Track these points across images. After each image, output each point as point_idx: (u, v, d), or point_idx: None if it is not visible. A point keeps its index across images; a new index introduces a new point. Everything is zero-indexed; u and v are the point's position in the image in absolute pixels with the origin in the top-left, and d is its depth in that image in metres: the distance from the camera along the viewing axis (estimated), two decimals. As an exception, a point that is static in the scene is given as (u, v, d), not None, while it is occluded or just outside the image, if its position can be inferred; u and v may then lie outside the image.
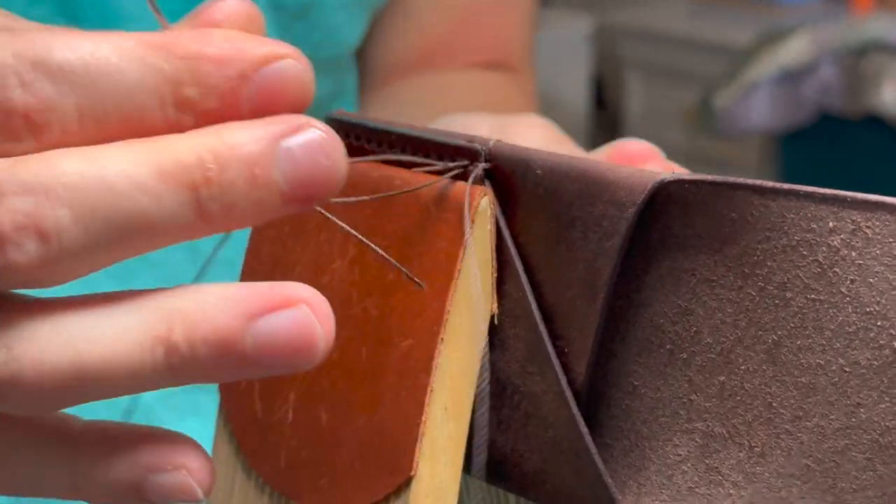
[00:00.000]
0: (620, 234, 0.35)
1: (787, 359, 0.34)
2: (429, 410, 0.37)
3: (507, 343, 0.39)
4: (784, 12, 2.62)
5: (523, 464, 0.40)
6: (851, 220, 0.33)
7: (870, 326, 0.33)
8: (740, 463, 0.36)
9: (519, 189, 0.38)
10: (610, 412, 0.39)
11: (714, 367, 0.36)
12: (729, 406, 0.36)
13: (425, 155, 0.39)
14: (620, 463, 0.39)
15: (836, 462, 0.34)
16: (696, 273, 0.36)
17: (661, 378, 0.37)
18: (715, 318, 0.36)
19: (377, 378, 0.38)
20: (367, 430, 0.38)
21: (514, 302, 0.38)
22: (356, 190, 0.40)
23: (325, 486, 0.39)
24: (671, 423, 0.37)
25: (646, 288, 0.37)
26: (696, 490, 0.37)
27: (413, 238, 0.38)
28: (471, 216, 0.37)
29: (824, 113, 2.31)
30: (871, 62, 2.21)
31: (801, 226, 0.34)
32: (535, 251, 0.38)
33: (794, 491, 0.35)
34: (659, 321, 0.37)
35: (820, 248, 0.33)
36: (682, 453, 0.37)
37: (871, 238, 0.33)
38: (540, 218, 0.37)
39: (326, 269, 0.40)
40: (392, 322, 0.38)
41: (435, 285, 0.37)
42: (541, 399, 0.38)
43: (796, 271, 0.34)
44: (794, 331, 0.34)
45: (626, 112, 2.86)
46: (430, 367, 0.37)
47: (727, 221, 0.35)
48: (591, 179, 0.36)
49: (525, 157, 0.37)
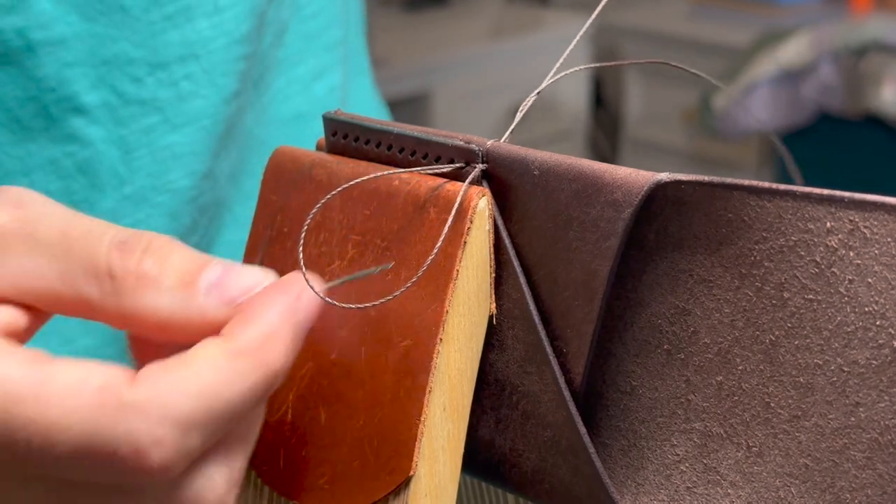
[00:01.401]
0: (617, 234, 0.35)
1: (785, 359, 0.35)
2: (427, 410, 0.37)
3: (506, 343, 0.39)
4: (784, 12, 2.62)
5: (521, 463, 0.40)
6: (849, 220, 0.33)
7: (868, 326, 0.33)
8: (738, 463, 0.36)
9: (516, 189, 0.38)
10: (608, 412, 0.39)
11: (712, 367, 0.36)
12: (727, 406, 0.36)
13: (423, 156, 0.39)
14: (618, 462, 0.39)
15: (835, 461, 0.34)
16: (693, 273, 0.36)
17: (658, 378, 0.37)
18: (712, 319, 0.36)
19: (376, 378, 0.38)
20: (366, 429, 0.38)
21: (512, 302, 0.38)
22: (355, 190, 0.40)
23: (324, 485, 0.39)
24: (669, 423, 0.37)
25: (643, 288, 0.37)
26: (694, 490, 0.37)
27: (411, 238, 0.38)
28: (469, 217, 0.37)
29: (824, 113, 2.31)
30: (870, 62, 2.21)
31: (798, 226, 0.34)
32: (532, 252, 0.38)
33: (792, 490, 0.35)
34: (656, 321, 0.37)
35: (817, 249, 0.33)
36: (680, 453, 0.37)
37: (870, 238, 0.33)
38: (537, 218, 0.37)
39: (326, 269, 0.40)
40: (391, 322, 0.38)
41: (434, 286, 0.37)
42: (539, 399, 0.38)
43: (794, 271, 0.34)
44: (791, 331, 0.34)
45: (625, 112, 2.86)
46: (429, 368, 0.37)
47: (724, 222, 0.35)
48: (589, 180, 0.36)
49: (523, 158, 0.37)
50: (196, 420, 0.33)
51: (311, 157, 0.42)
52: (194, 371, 0.33)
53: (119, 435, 0.32)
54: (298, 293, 0.35)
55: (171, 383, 0.33)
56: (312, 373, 0.40)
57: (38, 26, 0.48)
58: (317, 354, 0.40)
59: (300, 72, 0.60)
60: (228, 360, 0.34)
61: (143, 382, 0.33)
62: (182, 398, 0.33)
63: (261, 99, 0.57)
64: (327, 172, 0.41)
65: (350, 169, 0.40)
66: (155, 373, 0.33)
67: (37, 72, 0.49)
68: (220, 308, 0.35)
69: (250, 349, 0.34)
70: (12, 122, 0.50)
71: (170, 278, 0.35)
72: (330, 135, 0.42)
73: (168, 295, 0.35)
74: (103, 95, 0.51)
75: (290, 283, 0.36)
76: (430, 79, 2.42)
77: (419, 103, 2.42)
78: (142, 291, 0.35)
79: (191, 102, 0.53)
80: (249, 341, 0.34)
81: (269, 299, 0.35)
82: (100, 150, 0.51)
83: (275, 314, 0.35)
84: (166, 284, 0.35)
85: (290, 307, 0.35)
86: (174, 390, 0.33)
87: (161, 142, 0.52)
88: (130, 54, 0.51)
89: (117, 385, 0.33)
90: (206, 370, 0.33)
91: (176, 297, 0.35)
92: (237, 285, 0.36)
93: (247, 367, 0.34)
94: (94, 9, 0.49)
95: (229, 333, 0.34)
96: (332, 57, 0.62)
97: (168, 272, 0.35)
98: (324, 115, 0.42)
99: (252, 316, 0.35)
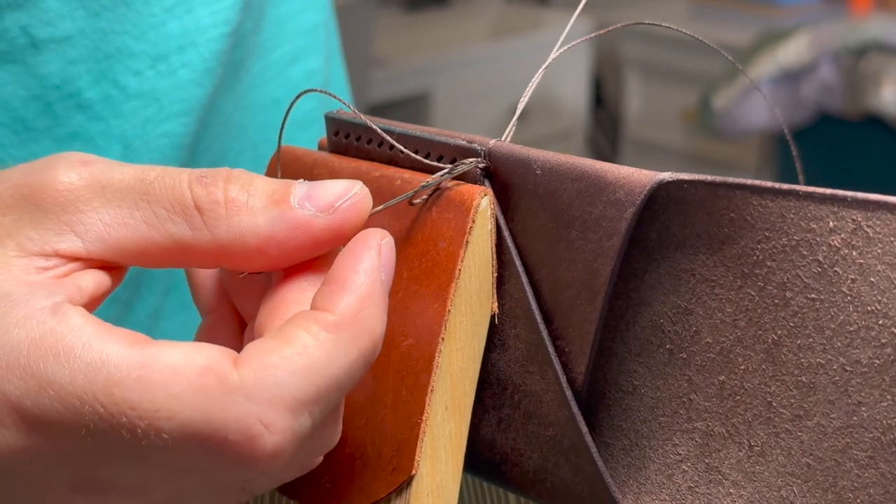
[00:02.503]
0: (620, 234, 0.35)
1: (787, 358, 0.35)
2: (429, 410, 0.37)
3: (508, 343, 0.39)
4: (784, 12, 2.62)
5: (523, 462, 0.40)
6: (852, 220, 0.33)
7: (871, 325, 0.33)
8: (740, 462, 0.36)
9: (519, 189, 0.38)
10: (610, 411, 0.39)
11: (714, 366, 0.36)
12: (729, 405, 0.36)
13: (425, 155, 0.39)
14: (620, 462, 0.39)
15: (837, 461, 0.34)
16: (695, 273, 0.36)
17: (660, 378, 0.37)
18: (714, 318, 0.36)
19: (378, 377, 0.38)
20: (368, 428, 0.38)
21: (514, 302, 0.38)
22: (357, 190, 0.40)
23: (325, 484, 0.39)
24: (671, 423, 0.37)
25: (645, 288, 0.37)
26: (696, 489, 0.37)
27: (414, 238, 0.38)
28: (471, 216, 0.37)
29: (824, 113, 2.31)
30: (870, 62, 2.21)
31: (800, 225, 0.34)
32: (534, 251, 0.38)
33: (794, 490, 0.35)
34: (658, 321, 0.37)
35: (820, 248, 0.33)
36: (681, 452, 0.37)
37: (872, 237, 0.33)
38: (539, 218, 0.37)
39: (327, 268, 0.40)
40: (393, 321, 0.38)
41: (435, 285, 0.37)
42: (541, 398, 0.38)
43: (796, 271, 0.34)
44: (793, 330, 0.34)
45: (625, 112, 2.86)
46: (431, 367, 0.37)
47: (726, 221, 0.35)
48: (591, 179, 0.36)
49: (525, 157, 0.37)
50: (307, 400, 0.32)
51: (313, 157, 0.42)
52: (298, 349, 0.32)
53: (229, 421, 0.31)
54: (378, 248, 0.34)
55: (276, 363, 0.32)
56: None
57: (43, 23, 0.48)
58: (319, 354, 0.40)
59: (275, 56, 0.59)
60: (330, 333, 0.33)
61: (247, 364, 0.32)
62: (291, 378, 0.32)
63: (241, 84, 0.57)
64: (329, 172, 0.41)
65: (352, 168, 0.40)
66: (258, 352, 0.32)
67: (41, 69, 0.49)
68: (317, 216, 0.34)
69: (349, 318, 0.33)
70: (16, 122, 0.49)
71: (260, 199, 0.34)
72: (332, 134, 0.42)
73: (263, 214, 0.34)
74: (105, 90, 0.50)
75: (368, 239, 0.35)
76: (430, 79, 2.42)
77: (419, 103, 2.42)
78: (236, 217, 0.34)
79: (189, 90, 0.52)
80: (347, 310, 0.33)
81: (354, 260, 0.34)
82: (100, 145, 0.51)
83: (364, 277, 0.34)
84: (258, 205, 0.34)
85: (375, 266, 0.34)
86: (281, 371, 0.32)
87: (156, 130, 0.52)
88: (132, 48, 0.51)
89: (222, 367, 0.32)
90: (310, 346, 0.32)
91: (271, 213, 0.34)
92: (328, 194, 0.35)
93: (350, 337, 0.33)
94: (100, 4, 0.49)
95: (324, 305, 0.33)
96: (309, 41, 0.61)
97: (256, 195, 0.34)
98: (326, 114, 0.42)
99: (342, 282, 0.34)
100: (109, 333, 0.32)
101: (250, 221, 0.34)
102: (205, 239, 0.34)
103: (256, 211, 0.34)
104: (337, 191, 0.35)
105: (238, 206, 0.34)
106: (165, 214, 0.34)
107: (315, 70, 0.62)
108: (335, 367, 0.33)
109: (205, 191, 0.34)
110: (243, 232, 0.34)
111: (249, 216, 0.34)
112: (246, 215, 0.34)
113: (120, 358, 0.32)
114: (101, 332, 0.32)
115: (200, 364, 0.32)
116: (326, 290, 0.34)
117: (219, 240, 0.34)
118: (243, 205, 0.34)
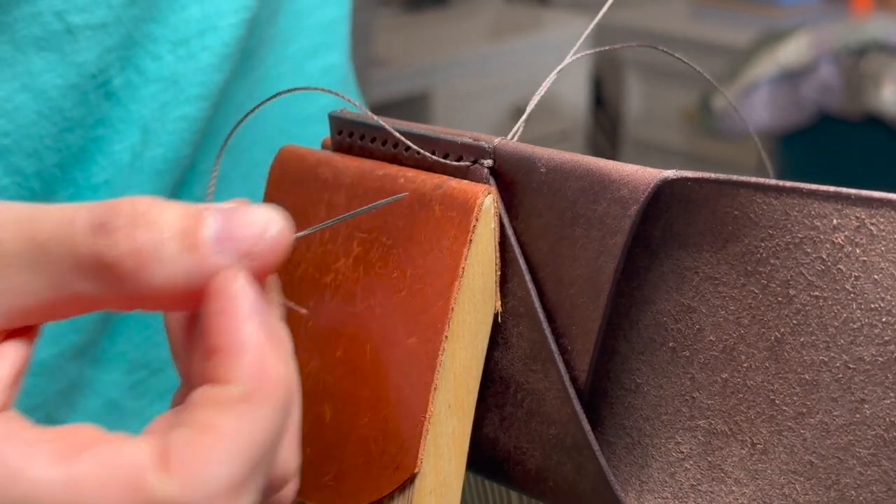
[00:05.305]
0: (623, 231, 0.35)
1: (790, 356, 0.35)
2: (433, 408, 0.37)
3: (511, 341, 0.39)
4: (784, 12, 2.62)
5: (526, 461, 0.40)
6: (856, 217, 0.33)
7: (875, 323, 0.33)
8: (743, 460, 0.36)
9: (523, 187, 0.38)
10: (612, 410, 0.39)
11: (717, 364, 0.36)
12: (731, 403, 0.36)
13: (430, 153, 0.39)
14: (623, 460, 0.39)
15: (840, 458, 0.34)
16: (698, 271, 0.36)
17: (663, 376, 0.37)
18: (718, 316, 0.36)
19: (381, 375, 0.38)
20: (371, 427, 0.38)
21: (517, 300, 0.38)
22: (361, 188, 0.40)
23: (329, 482, 0.39)
24: (674, 421, 0.37)
25: (648, 286, 0.37)
26: (699, 487, 0.37)
27: (417, 236, 0.38)
28: (475, 214, 0.37)
29: (824, 113, 2.31)
30: (870, 62, 2.21)
31: (804, 223, 0.34)
32: (537, 249, 0.38)
33: (797, 487, 0.35)
34: (662, 319, 0.37)
35: (824, 246, 0.33)
36: (684, 450, 0.37)
37: (876, 235, 0.33)
38: (543, 216, 0.37)
39: (331, 267, 0.40)
40: (396, 320, 0.38)
41: (439, 283, 0.37)
42: (544, 396, 0.39)
43: (800, 268, 0.34)
44: (797, 328, 0.34)
45: (625, 112, 2.86)
46: (434, 365, 0.37)
47: (730, 219, 0.35)
48: (595, 177, 0.36)
49: (529, 155, 0.38)
50: (244, 479, 0.31)
51: (316, 156, 0.42)
52: (217, 436, 0.31)
53: None
54: (239, 295, 0.32)
55: (200, 459, 0.30)
56: (318, 370, 0.40)
57: (79, 9, 0.48)
58: (322, 352, 0.40)
59: (292, 50, 0.59)
60: (242, 404, 0.31)
61: (173, 469, 0.30)
62: (220, 468, 0.30)
63: (253, 73, 0.57)
64: (332, 171, 0.41)
65: (355, 167, 0.40)
66: (179, 451, 0.30)
67: (77, 57, 0.48)
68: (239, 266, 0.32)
69: (255, 381, 0.31)
70: (55, 112, 0.48)
71: (172, 244, 0.31)
72: (335, 133, 0.42)
73: (177, 263, 0.31)
74: (128, 76, 0.50)
75: (226, 292, 0.32)
76: (430, 79, 2.42)
77: (419, 103, 2.42)
78: (146, 270, 0.31)
79: (209, 75, 0.52)
80: (248, 374, 0.31)
81: (227, 319, 0.32)
82: (119, 130, 0.50)
83: (246, 331, 0.31)
84: (171, 253, 0.31)
85: (248, 313, 0.32)
86: (208, 467, 0.30)
87: (174, 113, 0.52)
88: (155, 33, 0.50)
89: (146, 478, 0.30)
90: (228, 428, 0.31)
91: (186, 262, 0.32)
92: (247, 233, 0.32)
93: (264, 399, 0.31)
94: None
95: (223, 376, 0.31)
96: (328, 36, 0.60)
97: (166, 238, 0.31)
98: (329, 113, 0.42)
99: (229, 348, 0.31)
100: (35, 449, 0.30)
101: (163, 275, 0.31)
102: (115, 295, 0.32)
103: (168, 261, 0.31)
104: (255, 231, 0.32)
105: (146, 256, 0.31)
106: (69, 277, 0.32)
107: (334, 65, 0.61)
108: (260, 434, 0.31)
109: (108, 242, 0.31)
110: (158, 287, 0.32)
111: (162, 269, 0.31)
112: (158, 268, 0.31)
113: (49, 483, 0.30)
114: (22, 452, 0.30)
115: (125, 479, 0.30)
116: (218, 361, 0.32)
117: (130, 295, 0.32)
118: (153, 256, 0.31)
